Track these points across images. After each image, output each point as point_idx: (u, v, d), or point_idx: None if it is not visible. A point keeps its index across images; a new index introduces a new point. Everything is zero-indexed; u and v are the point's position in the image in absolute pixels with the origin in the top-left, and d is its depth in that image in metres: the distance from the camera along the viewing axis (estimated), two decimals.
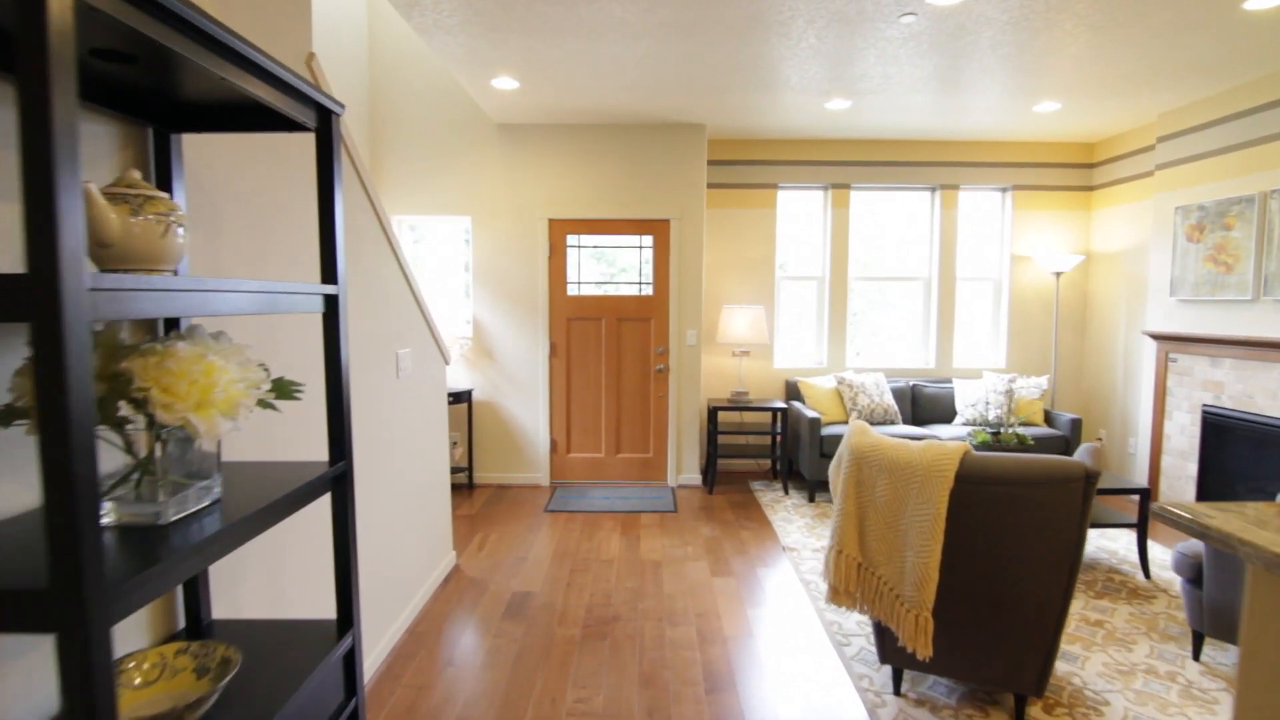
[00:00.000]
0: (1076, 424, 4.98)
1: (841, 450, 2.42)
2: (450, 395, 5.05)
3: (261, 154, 1.90)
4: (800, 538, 4.19)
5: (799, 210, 5.86)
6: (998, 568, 2.13)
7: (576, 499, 4.99)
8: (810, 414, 4.96)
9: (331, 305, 1.46)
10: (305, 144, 2.14)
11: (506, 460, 5.41)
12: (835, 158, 5.69)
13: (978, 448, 3.90)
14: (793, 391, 5.63)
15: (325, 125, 1.46)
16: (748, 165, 5.68)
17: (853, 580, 2.30)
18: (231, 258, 1.76)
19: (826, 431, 4.94)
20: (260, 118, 1.44)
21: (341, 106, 1.48)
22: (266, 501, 1.21)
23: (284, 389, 1.31)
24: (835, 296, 5.76)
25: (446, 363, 3.66)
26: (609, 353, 5.31)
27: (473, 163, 5.22)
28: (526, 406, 5.36)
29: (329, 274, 1.47)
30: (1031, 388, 3.81)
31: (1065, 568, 2.11)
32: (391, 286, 2.86)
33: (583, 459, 5.40)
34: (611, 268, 5.37)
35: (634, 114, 4.92)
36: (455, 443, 5.40)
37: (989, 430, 3.92)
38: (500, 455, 5.41)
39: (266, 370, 1.28)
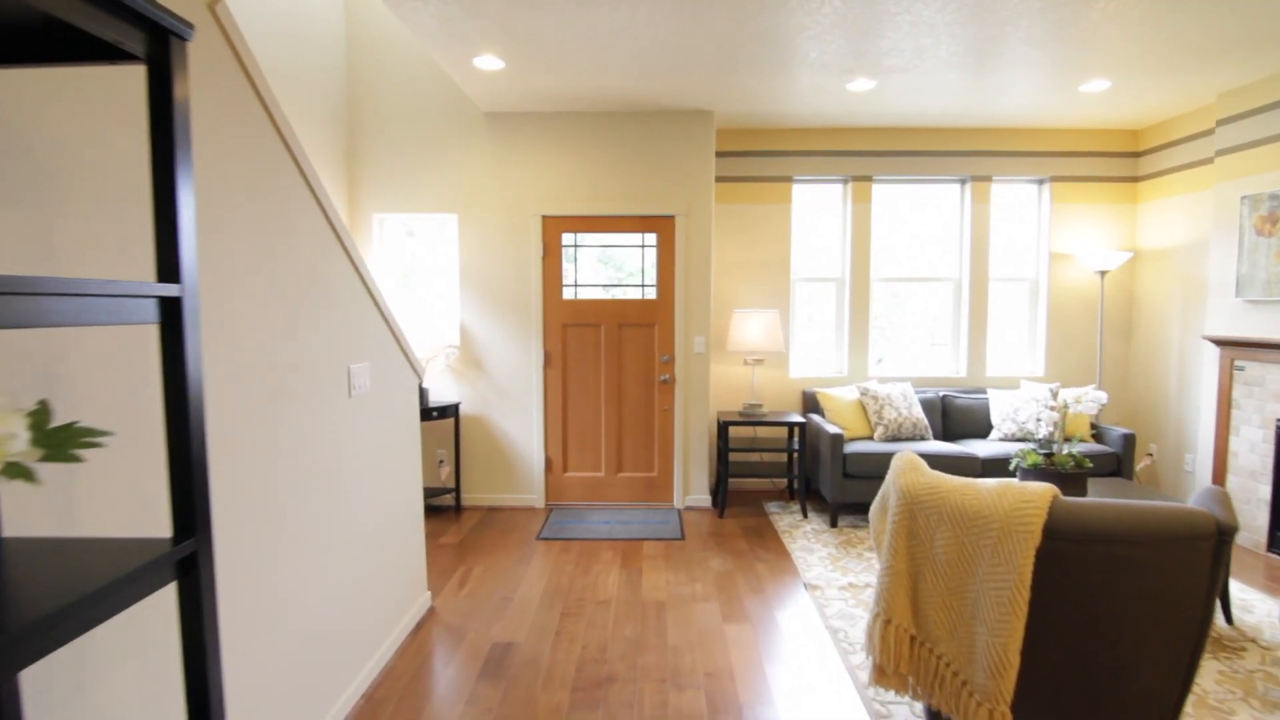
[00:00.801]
0: (1129, 440, 4.47)
1: (887, 490, 1.94)
2: (435, 410, 4.60)
3: (127, 113, 1.44)
4: (824, 572, 3.70)
5: (816, 205, 5.38)
6: (1096, 649, 1.65)
7: (573, 524, 4.52)
8: (831, 429, 4.47)
9: (171, 312, 1.01)
10: (198, 104, 1.69)
11: (497, 480, 4.95)
12: (856, 147, 5.21)
13: (1027, 471, 3.41)
14: (811, 403, 5.14)
15: (160, 53, 1.00)
16: (760, 156, 5.21)
17: (904, 658, 1.81)
18: (75, 249, 1.30)
19: (850, 449, 4.45)
20: (64, 43, 0.99)
21: (188, 27, 1.02)
22: (47, 609, 0.76)
23: (63, 444, 0.85)
24: (856, 299, 5.27)
25: (419, 378, 3.21)
26: (609, 362, 4.84)
27: (459, 155, 4.78)
28: (519, 421, 4.90)
29: (168, 269, 1.01)
30: (1089, 402, 3.33)
31: (1186, 650, 1.62)
32: (339, 288, 2.41)
33: (580, 479, 4.93)
34: (611, 269, 4.91)
35: (634, 99, 4.46)
36: (442, 461, 4.94)
37: (1039, 450, 3.43)
38: (490, 475, 4.95)
39: (44, 411, 0.83)
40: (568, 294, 4.85)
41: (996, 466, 4.43)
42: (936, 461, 4.39)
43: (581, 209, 4.74)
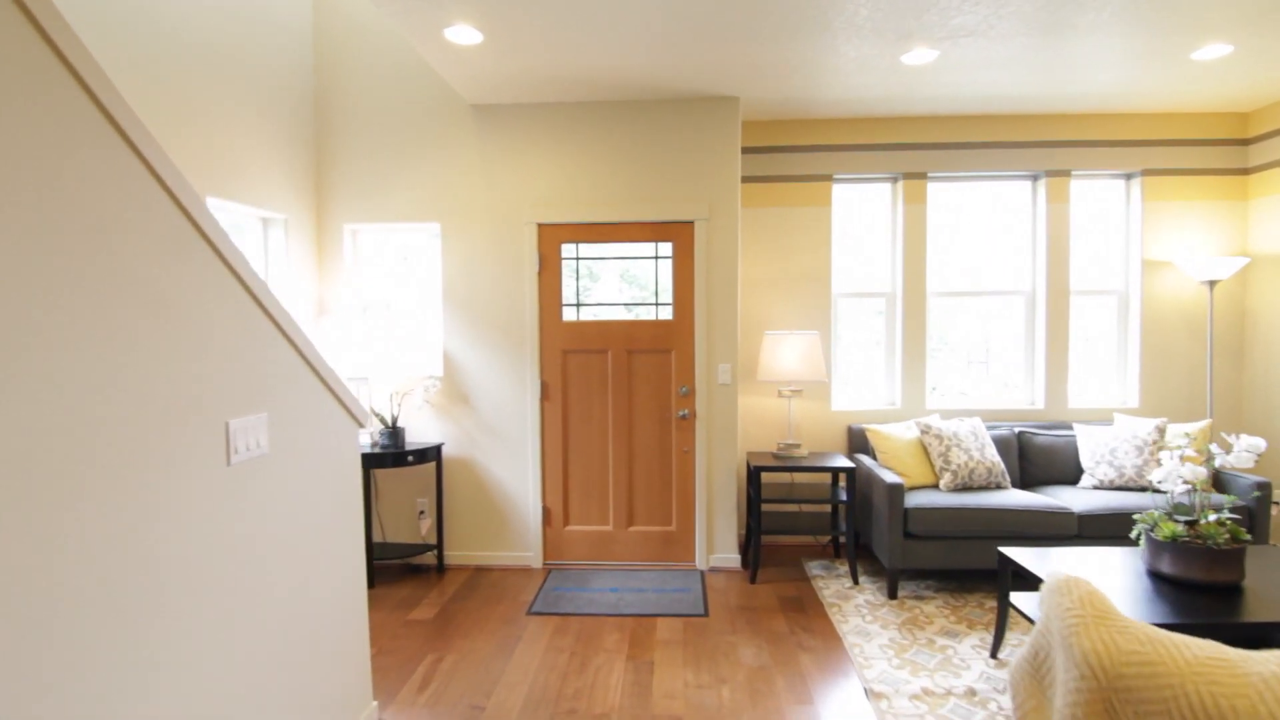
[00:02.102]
0: (1264, 491, 3.57)
1: (1045, 648, 1.14)
2: (411, 453, 3.88)
3: None
4: (887, 669, 2.87)
5: (861, 209, 4.60)
6: None
7: (573, 591, 3.75)
8: (888, 477, 3.65)
9: None
10: None
11: (487, 534, 4.20)
12: (908, 139, 4.43)
13: (1161, 545, 2.56)
14: (858, 442, 4.32)
15: None
16: (794, 152, 4.46)
17: None
18: None
19: (913, 501, 3.62)
20: None
21: None
22: None
23: None
24: (910, 318, 4.45)
25: (361, 425, 2.49)
26: (617, 395, 4.09)
27: (442, 155, 4.10)
28: (512, 465, 4.16)
29: None
30: (1243, 452, 2.49)
31: None
32: (210, 313, 1.69)
33: (585, 533, 4.16)
34: (619, 285, 4.18)
35: (644, 83, 3.75)
36: (423, 512, 4.21)
37: (1178, 518, 2.58)
38: (479, 528, 4.20)
39: None
40: (568, 314, 4.12)
41: (1097, 524, 3.56)
42: (1019, 518, 3.54)
43: (583, 214, 4.02)
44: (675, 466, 4.09)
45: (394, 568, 4.18)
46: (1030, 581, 3.14)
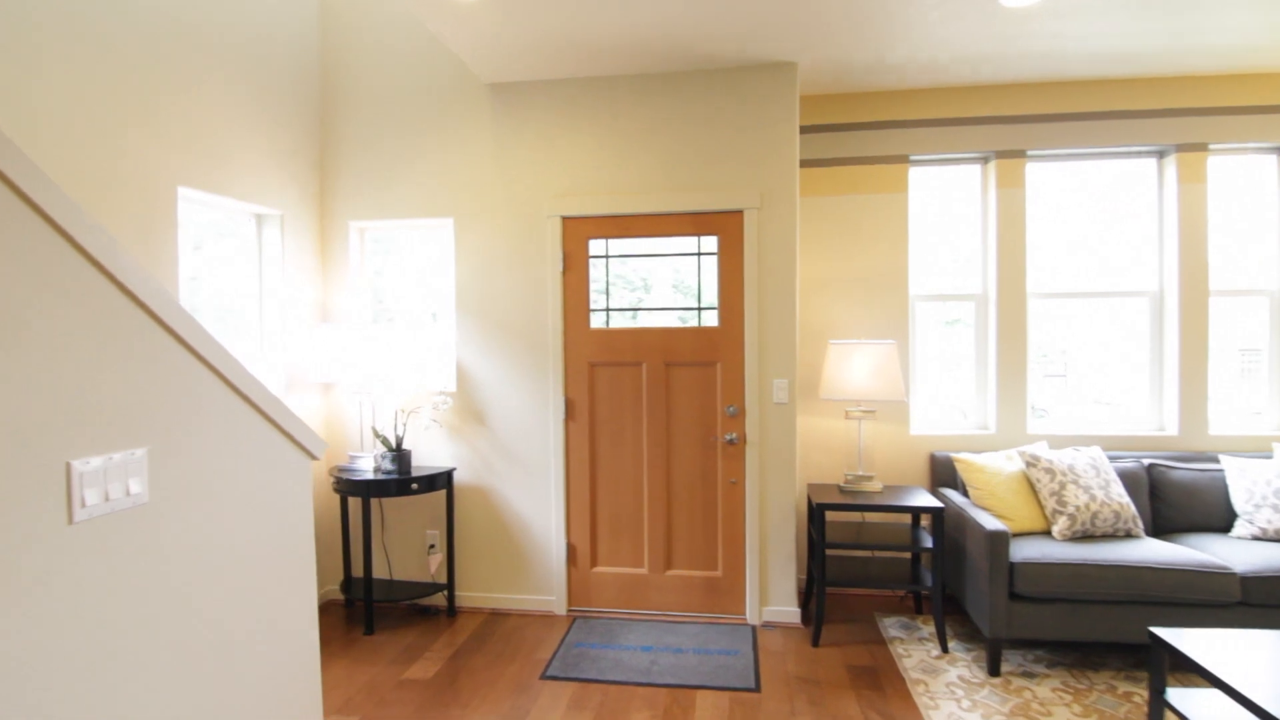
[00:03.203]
0: None
1: None
2: (416, 481, 3.38)
3: None
4: None
5: (944, 195, 3.89)
6: None
7: (599, 649, 3.15)
8: (987, 522, 2.93)
9: None
10: None
11: (504, 574, 3.66)
12: (1002, 110, 3.71)
13: None
14: (943, 474, 3.60)
15: None
16: (863, 130, 3.80)
17: None
18: None
19: (1020, 553, 2.89)
20: None
21: None
22: None
23: None
24: (1006, 325, 3.71)
25: (314, 458, 1.97)
26: (653, 414, 3.50)
27: (456, 142, 3.62)
28: (532, 494, 3.61)
29: None
30: None
31: None
32: (38, 310, 1.19)
33: (615, 576, 3.57)
34: (655, 286, 3.60)
35: (682, 49, 3.18)
36: (433, 547, 3.70)
37: None
38: (495, 566, 3.66)
39: None
40: (597, 321, 3.56)
41: (1267, 589, 2.76)
42: (1162, 578, 2.77)
43: (614, 206, 3.46)
44: (721, 500, 3.46)
45: (400, 609, 3.68)
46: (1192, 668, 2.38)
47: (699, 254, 3.48)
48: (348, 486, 3.39)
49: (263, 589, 1.76)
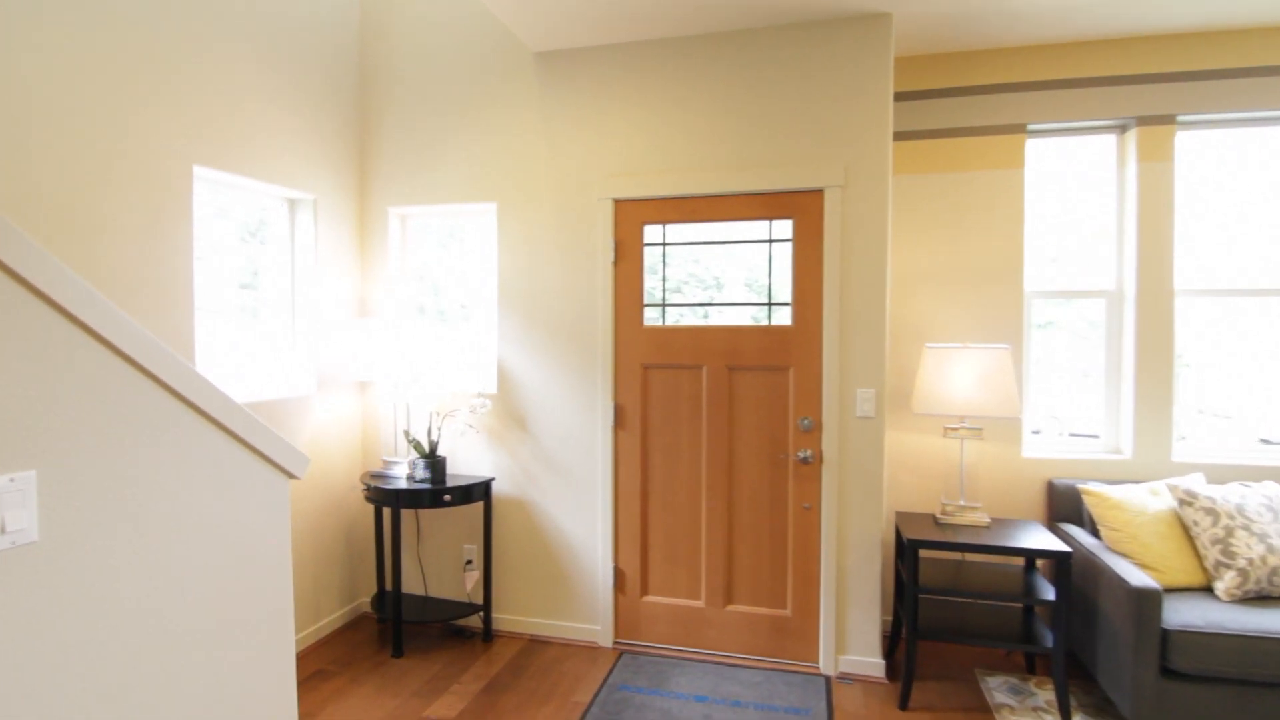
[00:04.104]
0: None
1: None
2: (449, 492, 3.06)
3: None
4: None
5: (1068, 171, 3.27)
6: None
7: (646, 695, 2.74)
8: (1133, 576, 2.34)
9: None
10: None
11: (545, 596, 3.29)
12: (1144, 67, 3.06)
13: None
14: (1065, 506, 2.99)
15: None
16: (969, 95, 3.22)
17: None
18: None
19: (1177, 617, 2.29)
20: None
21: None
22: None
23: None
24: (1148, 329, 3.06)
25: (293, 477, 1.64)
26: (714, 425, 3.05)
27: (500, 119, 3.28)
28: (577, 510, 3.23)
29: None
30: None
31: None
32: None
33: (667, 608, 3.14)
34: (719, 278, 3.14)
35: (753, 2, 2.71)
36: (470, 563, 3.38)
37: None
38: (535, 587, 3.31)
39: None
40: (651, 317, 3.14)
41: None
42: None
43: (672, 186, 3.03)
44: (792, 527, 2.97)
45: (435, 629, 3.38)
46: None
47: (770, 240, 3.01)
48: (378, 495, 3.11)
49: (217, 649, 1.43)
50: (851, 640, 2.92)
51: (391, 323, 3.13)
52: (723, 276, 3.12)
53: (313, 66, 3.15)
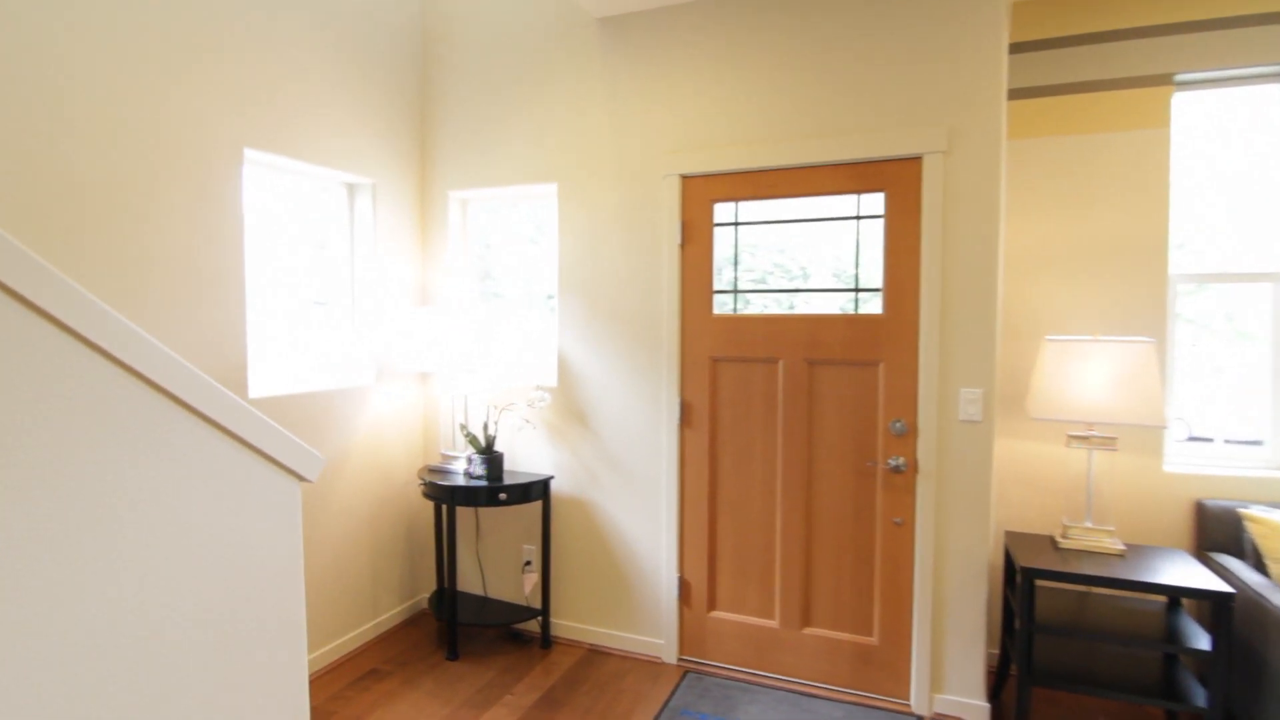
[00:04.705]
0: None
1: None
2: (504, 490, 2.90)
3: None
4: None
5: (1222, 129, 2.72)
6: None
7: None
8: None
9: None
10: None
11: (606, 604, 3.08)
12: None
13: None
14: (1218, 533, 2.49)
15: None
16: (1102, 42, 2.73)
17: None
18: None
19: None
20: None
21: None
22: None
23: None
24: None
25: (304, 479, 1.48)
26: (791, 426, 2.73)
27: (561, 94, 3.06)
28: (640, 513, 2.99)
29: None
30: None
31: None
32: None
33: (737, 625, 2.85)
34: (798, 261, 2.81)
35: None
36: (529, 563, 3.22)
37: None
38: (595, 594, 3.10)
39: None
40: (721, 305, 2.85)
41: None
42: None
43: (745, 159, 2.72)
44: (880, 543, 2.62)
45: (492, 630, 3.23)
46: None
47: (858, 217, 2.64)
48: (434, 491, 2.98)
49: (215, 668, 1.27)
50: (950, 677, 2.53)
51: (451, 311, 2.98)
52: (804, 260, 2.78)
53: (371, 45, 3.04)
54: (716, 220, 2.82)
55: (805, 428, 2.70)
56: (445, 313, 2.99)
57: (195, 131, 2.33)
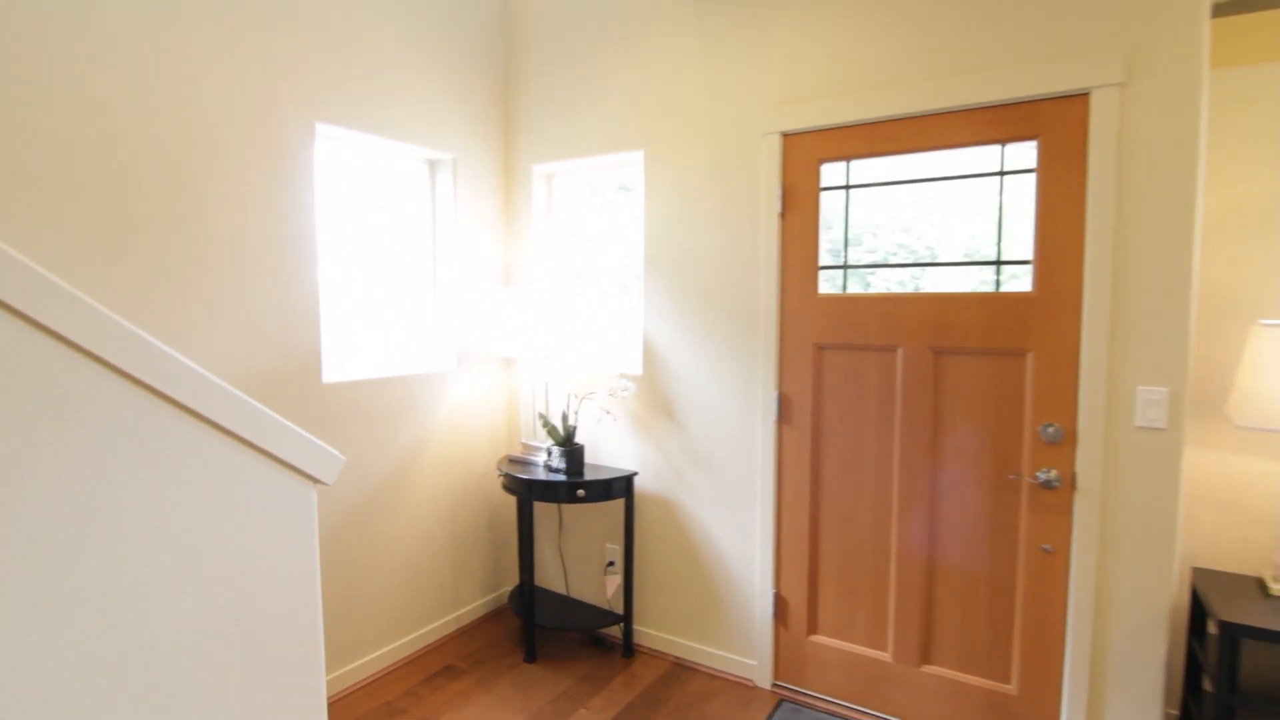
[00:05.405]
0: None
1: None
2: (583, 486, 2.67)
3: None
4: None
5: None
6: None
7: None
8: None
9: None
10: None
11: (692, 614, 2.80)
12: None
13: None
14: None
15: None
16: None
17: None
18: None
19: None
20: None
21: None
22: None
23: None
24: None
25: (319, 482, 1.29)
26: (910, 425, 2.30)
27: (650, 51, 2.76)
28: (731, 518, 2.68)
29: None
30: None
31: None
32: None
33: (842, 654, 2.47)
34: (922, 229, 2.35)
35: None
36: (612, 564, 2.99)
37: None
38: (680, 603, 2.82)
39: None
40: (828, 284, 2.45)
41: None
42: None
43: (858, 110, 2.29)
44: (1023, 574, 2.15)
45: (574, 633, 3.05)
46: None
47: (1001, 173, 2.16)
48: (509, 484, 2.82)
49: (210, 703, 1.10)
50: None
51: (533, 292, 2.78)
52: (930, 228, 2.32)
53: (450, 10, 2.87)
54: (823, 184, 2.41)
55: (929, 430, 2.26)
56: (526, 294, 2.79)
57: (264, 105, 2.24)
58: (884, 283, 2.37)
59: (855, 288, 2.41)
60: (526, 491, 2.73)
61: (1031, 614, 2.13)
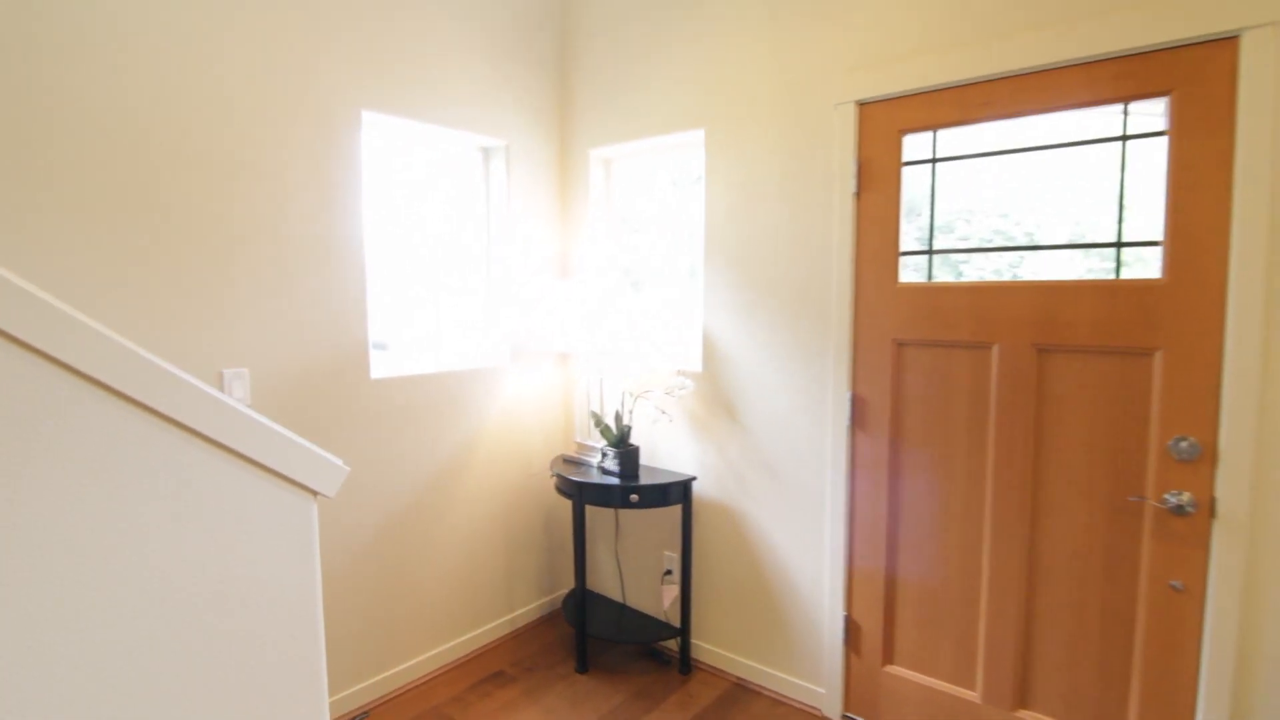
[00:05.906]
0: None
1: None
2: (636, 491, 2.51)
3: None
4: None
5: None
6: None
7: None
8: None
9: None
10: None
11: (753, 633, 2.58)
12: None
13: None
14: None
15: None
16: None
17: None
18: None
19: None
20: None
21: None
22: None
23: None
24: None
25: (318, 494, 1.17)
26: (1007, 434, 1.99)
27: (713, 18, 2.54)
28: (797, 531, 2.44)
29: None
30: None
31: None
32: None
33: (922, 689, 2.20)
34: (1023, 205, 2.03)
35: None
36: (669, 572, 2.81)
37: None
38: (741, 620, 2.61)
39: None
40: (910, 271, 2.16)
41: None
42: None
43: (946, 71, 2.00)
44: (1145, 613, 1.82)
45: (629, 648, 2.89)
46: None
47: (1123, 137, 1.82)
48: (562, 485, 2.69)
49: None
50: None
51: (589, 285, 2.64)
52: (1025, 202, 2.00)
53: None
54: (905, 159, 2.13)
55: (1031, 440, 1.95)
56: (582, 287, 2.65)
57: (308, 93, 2.17)
58: (977, 271, 2.07)
59: (942, 276, 2.12)
60: (579, 494, 2.59)
61: (1155, 662, 1.80)
